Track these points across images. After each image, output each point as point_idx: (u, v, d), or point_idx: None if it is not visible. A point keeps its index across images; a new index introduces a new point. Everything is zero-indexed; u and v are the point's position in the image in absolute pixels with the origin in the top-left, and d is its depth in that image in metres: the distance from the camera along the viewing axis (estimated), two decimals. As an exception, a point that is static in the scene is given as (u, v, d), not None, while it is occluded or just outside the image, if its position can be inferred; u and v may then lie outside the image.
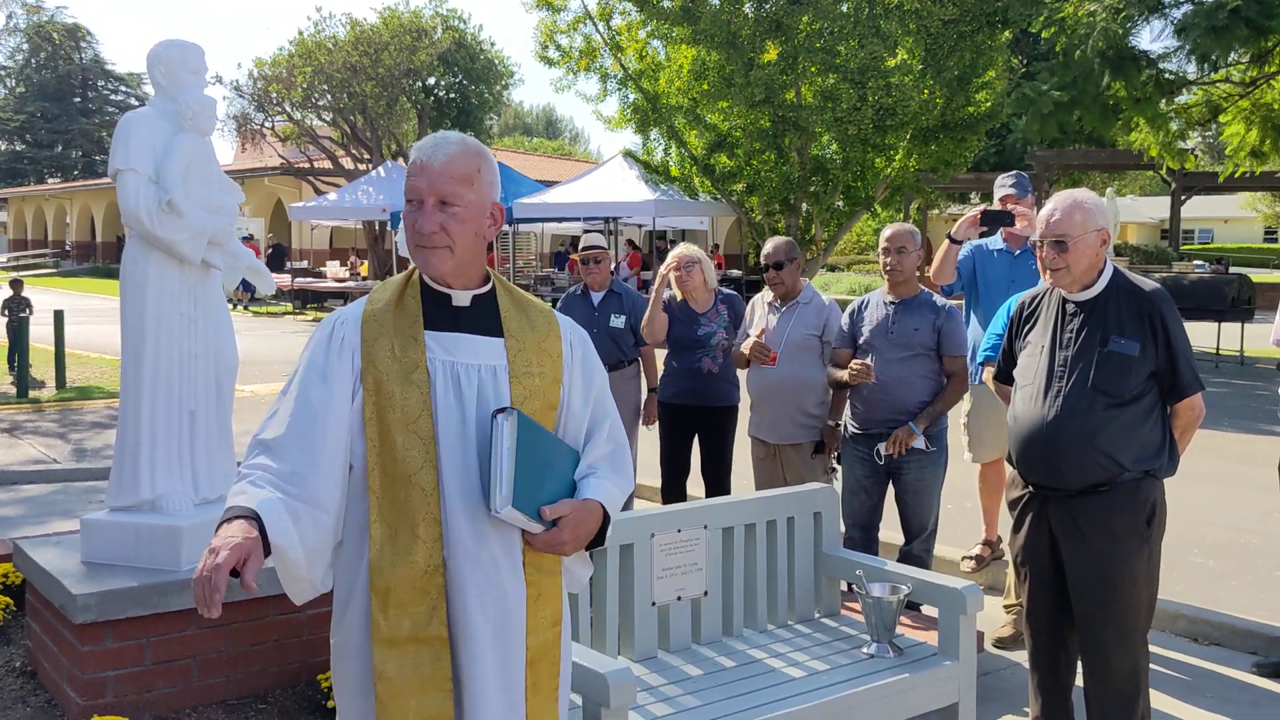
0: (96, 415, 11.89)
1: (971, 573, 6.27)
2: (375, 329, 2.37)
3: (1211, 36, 12.73)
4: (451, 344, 2.39)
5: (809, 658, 4.09)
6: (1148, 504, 3.76)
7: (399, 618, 2.29)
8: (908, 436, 5.06)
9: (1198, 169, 26.99)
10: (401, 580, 2.29)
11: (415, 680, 2.29)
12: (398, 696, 2.29)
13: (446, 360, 2.37)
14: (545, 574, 2.43)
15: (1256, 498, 8.13)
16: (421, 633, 2.30)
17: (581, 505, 2.39)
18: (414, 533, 2.30)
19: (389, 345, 2.35)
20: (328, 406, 2.32)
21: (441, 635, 2.31)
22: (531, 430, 2.33)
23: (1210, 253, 41.99)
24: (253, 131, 32.01)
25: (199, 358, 4.76)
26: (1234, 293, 16.67)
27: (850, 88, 16.64)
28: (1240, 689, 5.00)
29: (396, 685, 2.29)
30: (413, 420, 2.31)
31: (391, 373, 2.33)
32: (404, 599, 2.29)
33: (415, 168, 2.37)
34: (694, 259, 6.19)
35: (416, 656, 2.30)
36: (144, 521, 4.56)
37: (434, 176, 2.34)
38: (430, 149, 2.37)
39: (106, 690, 4.31)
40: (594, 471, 2.50)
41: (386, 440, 2.31)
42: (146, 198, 4.57)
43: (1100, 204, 3.83)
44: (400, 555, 2.29)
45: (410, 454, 2.30)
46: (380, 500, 2.31)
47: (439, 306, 2.42)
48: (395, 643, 2.29)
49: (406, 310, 2.40)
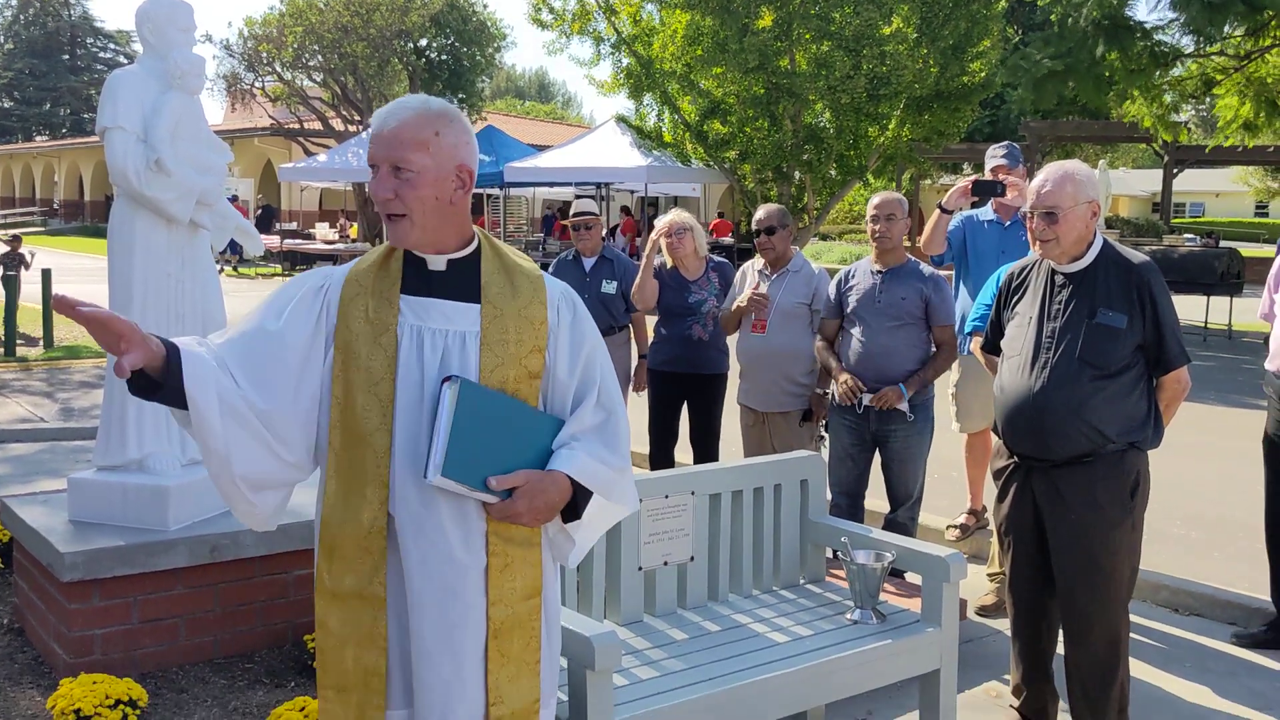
0: (84, 375, 11.87)
1: (956, 541, 6.31)
2: (354, 289, 2.39)
3: (1207, 12, 12.68)
4: (423, 309, 2.38)
5: (793, 623, 4.12)
6: (1131, 475, 3.78)
7: (342, 573, 2.36)
8: (896, 396, 5.07)
9: (1190, 142, 26.99)
10: (347, 537, 2.35)
11: (355, 634, 2.36)
12: (338, 646, 2.37)
13: (415, 324, 2.37)
14: (516, 545, 2.39)
15: (1240, 470, 8.18)
16: (364, 590, 2.35)
17: (541, 476, 2.34)
18: (363, 493, 2.33)
19: (364, 306, 2.37)
20: (283, 338, 2.36)
21: (380, 595, 2.35)
22: (484, 399, 2.30)
23: (1201, 226, 42.05)
24: (242, 91, 31.79)
25: (186, 318, 4.75)
26: (1223, 267, 16.71)
27: (844, 55, 16.55)
28: (1219, 659, 5.05)
29: (337, 636, 2.37)
30: (375, 382, 2.33)
31: (362, 334, 2.35)
32: (348, 555, 2.35)
33: (372, 134, 2.37)
34: (685, 226, 6.18)
35: (358, 612, 2.36)
36: (131, 481, 4.57)
37: (386, 142, 2.32)
38: (385, 114, 2.35)
39: (93, 648, 4.33)
40: (572, 442, 2.43)
41: (349, 400, 2.35)
42: (134, 156, 4.55)
43: (1091, 176, 3.83)
44: (349, 513, 2.34)
45: (369, 415, 2.33)
46: (339, 458, 2.36)
47: (416, 270, 2.41)
48: (338, 596, 2.37)
49: (388, 273, 2.40)
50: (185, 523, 4.58)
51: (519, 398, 2.40)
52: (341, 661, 2.37)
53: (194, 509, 4.64)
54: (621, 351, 6.60)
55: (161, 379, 2.22)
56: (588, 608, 3.94)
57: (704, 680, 3.58)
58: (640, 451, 7.45)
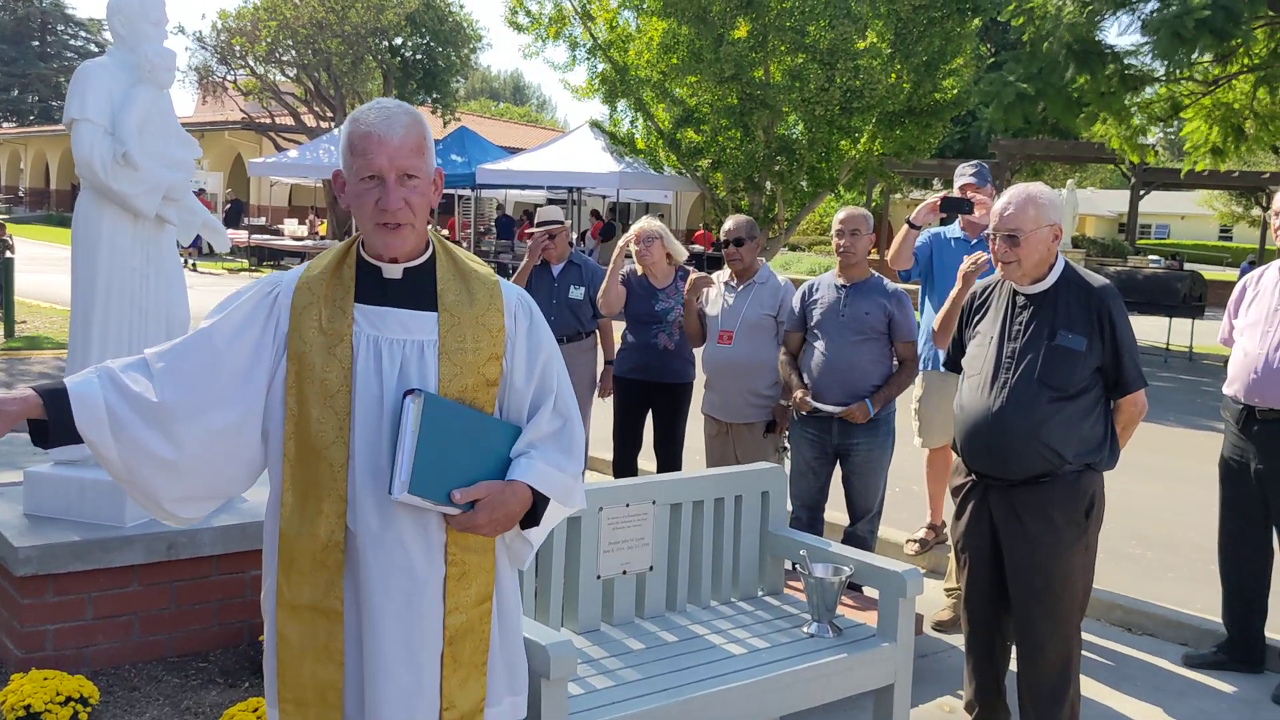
0: (45, 366, 11.74)
1: (914, 556, 6.35)
2: (306, 297, 2.35)
3: (1176, 42, 12.83)
4: (379, 318, 2.35)
5: (750, 635, 4.14)
6: (1087, 496, 3.83)
7: (299, 585, 2.34)
8: (862, 414, 5.10)
9: (1158, 165, 27.28)
10: (303, 550, 2.33)
11: (312, 647, 2.34)
12: (295, 660, 2.36)
13: (371, 335, 2.33)
14: (472, 552, 2.39)
15: (1195, 492, 8.28)
16: (320, 603, 2.33)
17: (503, 487, 2.33)
18: (318, 506, 2.31)
19: (316, 316, 2.32)
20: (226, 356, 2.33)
21: (336, 609, 2.33)
22: (446, 412, 2.29)
23: (1166, 248, 42.54)
24: (214, 84, 31.55)
25: (150, 313, 4.72)
26: (1186, 289, 16.90)
27: (819, 68, 16.63)
28: (1170, 679, 5.11)
29: (295, 650, 2.36)
30: (331, 394, 2.30)
31: (315, 344, 2.31)
32: (305, 568, 2.33)
33: (371, 142, 2.26)
34: (655, 234, 6.19)
35: (314, 625, 2.34)
36: (89, 476, 4.53)
37: (395, 151, 2.26)
38: (383, 122, 2.28)
39: (45, 643, 4.29)
40: (530, 450, 2.43)
41: (304, 412, 2.31)
42: (101, 149, 4.51)
43: (1054, 199, 3.88)
44: (305, 525, 2.32)
45: (324, 428, 2.30)
46: (294, 469, 2.33)
47: (370, 278, 2.37)
48: (295, 609, 2.35)
49: (341, 280, 2.36)
50: (142, 519, 4.55)
51: (476, 406, 2.39)
52: (299, 675, 2.36)
53: (152, 506, 4.60)
54: (587, 357, 6.61)
55: (51, 420, 2.23)
56: (545, 616, 3.95)
57: (660, 691, 3.59)
58: (603, 458, 7.47)
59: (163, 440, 2.28)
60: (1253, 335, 4.95)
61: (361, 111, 2.33)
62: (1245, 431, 4.96)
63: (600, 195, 29.88)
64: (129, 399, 2.27)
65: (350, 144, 2.30)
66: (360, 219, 2.34)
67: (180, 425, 2.29)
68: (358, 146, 2.29)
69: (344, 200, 2.38)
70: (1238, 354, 5.02)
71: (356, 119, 2.32)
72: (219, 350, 2.33)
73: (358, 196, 2.32)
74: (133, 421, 2.26)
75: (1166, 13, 13.12)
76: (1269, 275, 5.03)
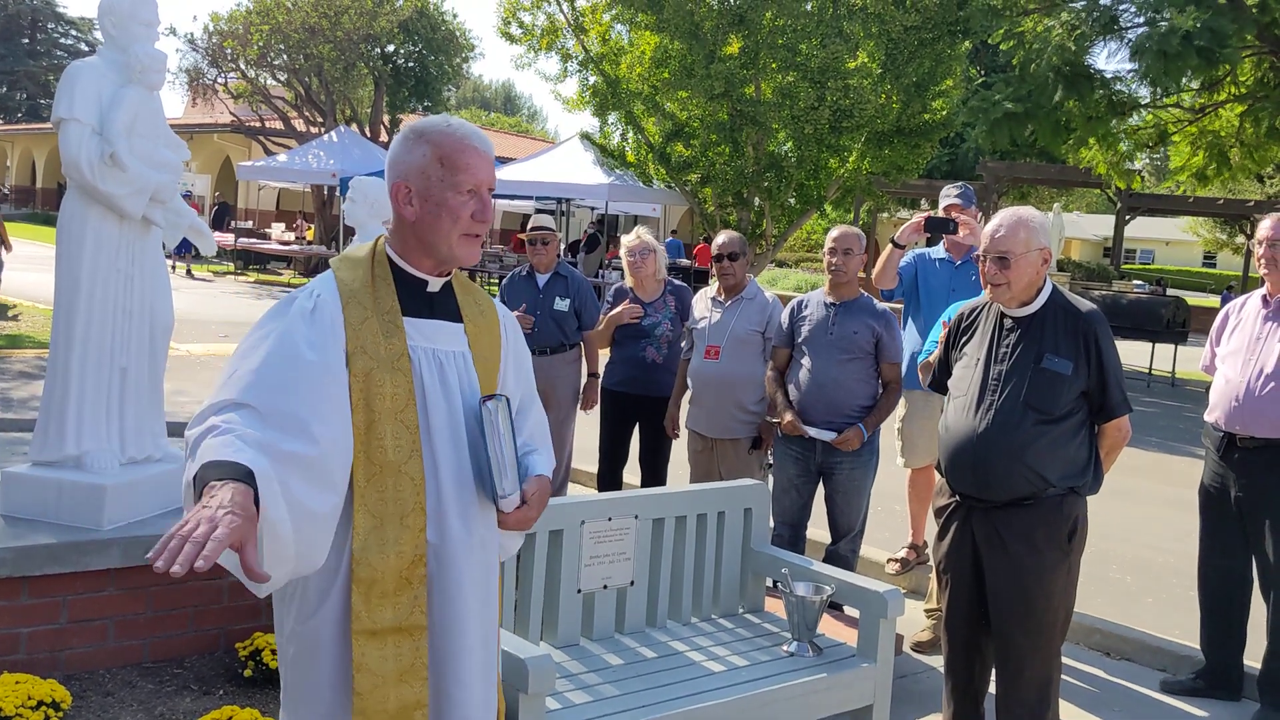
0: (25, 365, 11.65)
1: (896, 575, 6.35)
2: (360, 312, 2.29)
3: (1163, 62, 12.92)
4: (429, 331, 2.38)
5: (730, 652, 4.12)
6: (1070, 520, 3.83)
7: (381, 607, 2.25)
8: (858, 438, 5.11)
9: (1144, 190, 27.45)
10: (389, 570, 2.25)
11: (395, 670, 2.27)
12: (378, 687, 2.26)
13: (427, 348, 2.36)
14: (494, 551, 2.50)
15: (1176, 517, 8.30)
16: (404, 622, 2.27)
17: (542, 482, 2.45)
18: (402, 522, 2.27)
19: (374, 329, 2.29)
20: (326, 375, 2.20)
21: (422, 624, 2.30)
22: (509, 413, 2.38)
23: (1150, 273, 42.80)
24: (204, 87, 31.44)
25: (134, 315, 4.68)
26: (1169, 315, 16.99)
27: (809, 86, 16.69)
28: (1148, 704, 5.11)
29: (377, 676, 2.26)
30: (400, 409, 2.27)
31: (381, 360, 2.28)
32: (388, 588, 2.25)
33: (475, 156, 2.32)
34: (650, 247, 6.21)
35: (397, 646, 2.27)
36: (67, 478, 4.49)
37: (488, 167, 2.34)
38: (478, 137, 2.34)
39: (19, 647, 4.25)
40: (533, 448, 2.57)
41: (374, 429, 2.25)
42: (89, 149, 4.48)
43: (1044, 223, 3.89)
44: (388, 545, 2.25)
45: (399, 444, 2.26)
46: (364, 490, 2.24)
47: (412, 291, 2.39)
48: (376, 633, 2.25)
49: (387, 292, 2.35)
50: (120, 523, 4.51)
51: None
52: (384, 702, 2.27)
53: (130, 509, 4.57)
54: (572, 369, 6.60)
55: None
56: (524, 629, 3.93)
57: (638, 707, 3.57)
58: (587, 470, 7.45)
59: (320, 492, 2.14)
60: (1234, 363, 4.97)
61: (443, 125, 2.35)
62: (1226, 459, 4.97)
63: (589, 207, 29.88)
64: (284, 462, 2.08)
65: (441, 156, 2.31)
66: (444, 230, 2.33)
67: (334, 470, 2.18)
68: (457, 159, 2.31)
69: (413, 211, 2.33)
70: (1219, 381, 5.04)
71: (445, 132, 2.33)
72: (316, 372, 2.20)
73: (450, 208, 2.31)
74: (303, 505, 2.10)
75: (1154, 31, 13.22)
76: (1251, 304, 5.05)
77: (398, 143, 2.38)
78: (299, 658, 2.31)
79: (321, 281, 2.34)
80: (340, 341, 2.25)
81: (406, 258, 2.39)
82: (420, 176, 2.32)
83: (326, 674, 2.28)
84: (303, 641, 2.30)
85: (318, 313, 2.26)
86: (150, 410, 4.79)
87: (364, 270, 2.36)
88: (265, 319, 2.27)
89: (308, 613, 2.28)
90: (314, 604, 2.28)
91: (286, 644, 2.33)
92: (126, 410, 4.70)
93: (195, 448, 2.03)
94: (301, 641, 2.30)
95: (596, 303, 6.57)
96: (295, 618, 2.30)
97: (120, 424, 4.69)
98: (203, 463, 1.95)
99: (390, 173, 2.37)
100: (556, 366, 6.50)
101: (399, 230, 2.39)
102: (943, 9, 16.52)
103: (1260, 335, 4.90)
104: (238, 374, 2.16)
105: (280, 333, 2.21)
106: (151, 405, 4.80)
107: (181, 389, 10.19)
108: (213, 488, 1.88)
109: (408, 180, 2.33)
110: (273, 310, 2.30)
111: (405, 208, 2.34)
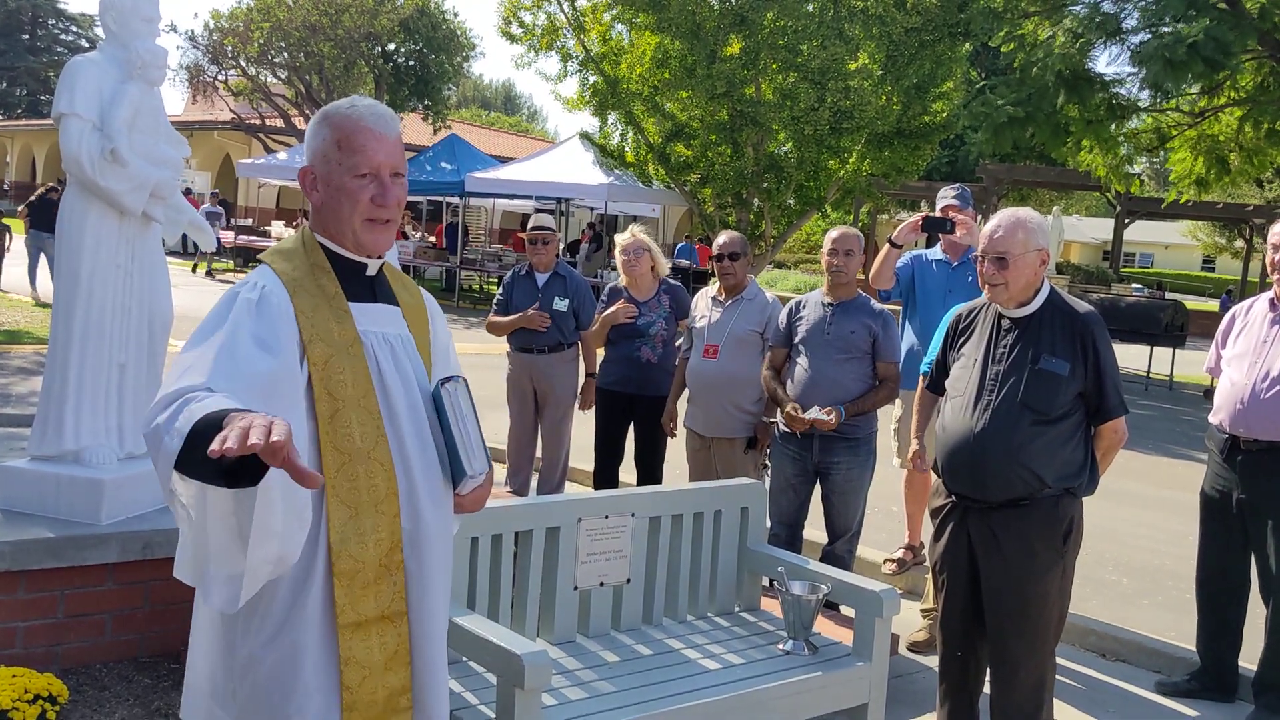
0: (24, 360, 11.65)
1: (892, 575, 6.35)
2: (309, 300, 2.25)
3: (1168, 69, 12.93)
4: (373, 315, 2.34)
5: (725, 650, 4.13)
6: (1066, 521, 3.84)
7: (364, 598, 2.22)
8: (836, 417, 5.05)
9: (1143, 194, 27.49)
10: (369, 559, 2.22)
11: (381, 659, 2.25)
12: (367, 678, 2.23)
13: (376, 332, 2.32)
14: None
15: (1172, 520, 8.31)
16: (387, 609, 2.26)
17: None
18: (377, 509, 2.23)
19: (325, 317, 2.25)
20: (278, 375, 2.13)
21: (403, 609, 2.28)
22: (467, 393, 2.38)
23: (1149, 277, 42.77)
24: (204, 84, 31.47)
25: (132, 311, 4.69)
26: (1168, 318, 17.01)
27: (809, 87, 16.71)
28: (1143, 706, 5.12)
29: (365, 667, 2.23)
30: (362, 396, 2.23)
31: (337, 347, 2.23)
32: (370, 578, 2.22)
33: (370, 138, 2.24)
34: (644, 246, 6.22)
35: (381, 635, 2.25)
36: (65, 473, 4.49)
37: (391, 148, 2.26)
38: (376, 118, 2.27)
39: (15, 641, 4.25)
40: None
41: (338, 417, 2.20)
42: (89, 145, 4.49)
43: (1042, 224, 3.90)
44: (366, 534, 2.22)
45: (365, 430, 2.22)
46: (335, 480, 2.18)
47: (352, 275, 2.34)
48: (361, 625, 2.22)
49: (325, 280, 2.30)
50: (119, 518, 4.51)
51: None
52: (374, 693, 2.24)
53: (128, 504, 4.58)
54: (569, 368, 6.60)
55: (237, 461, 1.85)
56: (521, 625, 3.93)
57: (633, 704, 3.58)
58: (584, 469, 7.46)
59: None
60: (1240, 366, 4.98)
61: (344, 107, 2.29)
62: (1229, 461, 4.98)
63: (589, 207, 29.88)
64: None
65: (339, 139, 2.26)
66: (345, 215, 2.28)
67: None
68: (352, 142, 2.25)
69: (318, 197, 2.30)
70: (1225, 384, 5.05)
71: (344, 114, 2.28)
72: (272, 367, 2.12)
73: (348, 193, 2.26)
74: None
75: (1160, 39, 13.23)
76: (1258, 307, 5.06)
77: (309, 126, 2.34)
78: (274, 677, 2.18)
79: (260, 274, 2.27)
80: (294, 331, 2.19)
81: (337, 243, 2.33)
82: (322, 160, 2.28)
83: (312, 678, 2.19)
84: (277, 655, 2.18)
85: (263, 303, 2.18)
86: (148, 405, 4.79)
87: (300, 259, 2.30)
88: (208, 322, 2.17)
89: (277, 623, 2.17)
90: (286, 610, 2.18)
91: (246, 670, 2.18)
92: (125, 406, 4.71)
93: (174, 416, 1.93)
94: (276, 655, 2.18)
95: (595, 302, 6.58)
96: (262, 636, 2.17)
97: (119, 419, 4.69)
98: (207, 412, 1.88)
99: (304, 157, 2.35)
100: (554, 366, 6.51)
101: (316, 216, 2.34)
102: (943, 11, 16.54)
103: (1267, 339, 4.91)
104: (192, 369, 2.06)
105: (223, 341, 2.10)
106: (150, 401, 4.80)
107: (180, 385, 10.17)
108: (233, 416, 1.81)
109: (312, 165, 2.30)
110: (214, 312, 2.19)
111: (311, 193, 2.31)
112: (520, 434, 6.73)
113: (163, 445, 1.92)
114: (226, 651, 2.21)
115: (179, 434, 1.88)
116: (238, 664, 2.19)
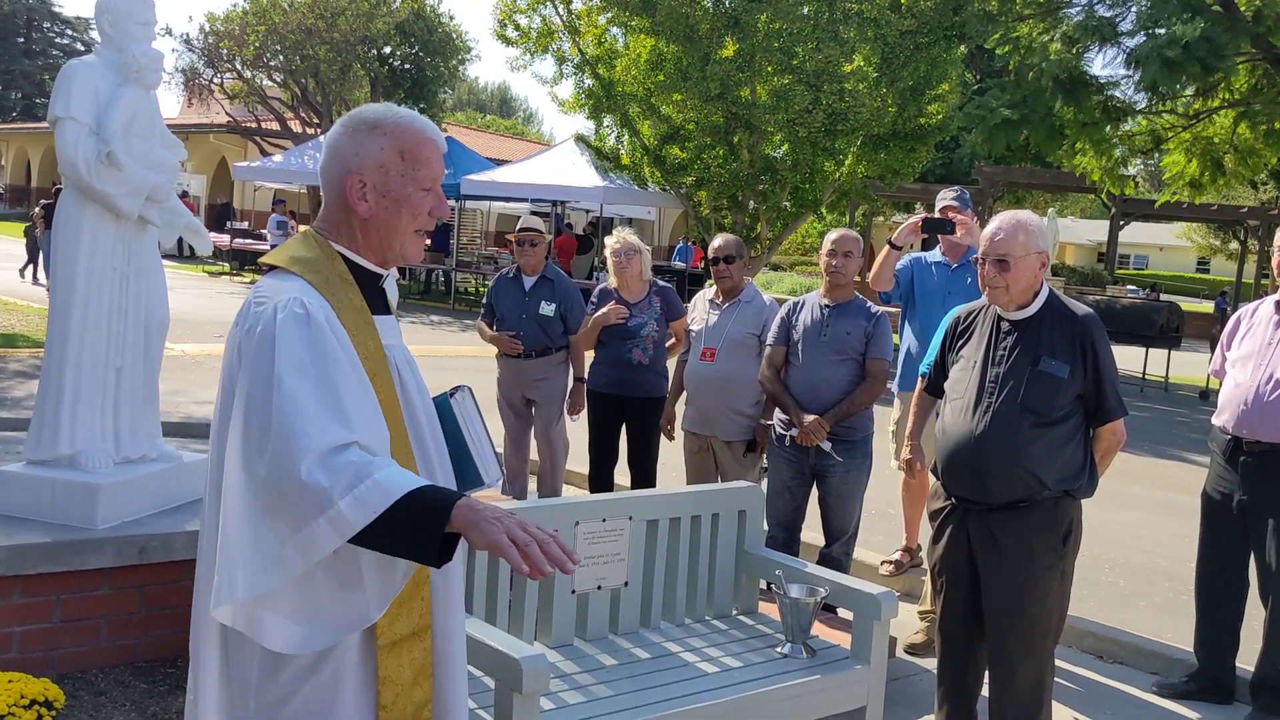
0: (20, 364, 11.63)
1: (889, 578, 6.35)
2: (352, 318, 2.17)
3: (1165, 70, 12.96)
4: (386, 327, 2.27)
5: (723, 654, 4.13)
6: (1065, 522, 3.84)
7: (400, 616, 2.19)
8: (816, 431, 5.05)
9: (1138, 196, 27.51)
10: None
11: (411, 674, 2.22)
12: (400, 695, 2.20)
13: (392, 344, 2.26)
14: None
15: (1169, 522, 8.32)
16: (416, 625, 2.23)
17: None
18: None
19: (365, 333, 2.19)
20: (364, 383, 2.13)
21: (428, 624, 2.25)
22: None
23: (1144, 278, 42.85)
24: (200, 87, 31.43)
25: (129, 314, 4.68)
26: (1164, 320, 17.02)
27: (804, 90, 16.71)
28: (1140, 707, 5.12)
29: (398, 685, 2.20)
30: (392, 411, 2.17)
31: (374, 361, 2.17)
32: (405, 595, 2.18)
33: (434, 150, 2.21)
34: (635, 248, 6.21)
35: (410, 651, 2.22)
36: (61, 477, 4.48)
37: (442, 160, 2.24)
38: (434, 130, 2.22)
39: (11, 645, 4.24)
40: None
41: None
42: (85, 148, 4.48)
43: (1042, 227, 3.90)
44: None
45: (399, 447, 2.16)
46: None
47: (367, 287, 2.26)
48: (397, 644, 2.19)
49: (353, 293, 2.21)
50: (114, 522, 4.50)
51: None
52: (404, 708, 2.21)
53: (124, 508, 4.56)
54: (558, 372, 6.58)
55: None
56: (519, 629, 3.93)
57: (631, 708, 3.57)
58: (579, 471, 7.45)
59: None
60: (1245, 367, 4.98)
61: (400, 117, 2.22)
62: (1231, 462, 4.98)
63: (584, 210, 29.89)
64: None
65: (402, 149, 2.19)
66: (402, 226, 2.22)
67: None
68: (418, 154, 2.20)
69: (367, 207, 2.20)
70: (1229, 385, 5.05)
71: (403, 124, 2.21)
72: (375, 400, 2.11)
73: (411, 204, 2.21)
74: None
75: (1155, 41, 13.25)
76: (1264, 309, 5.06)
77: (344, 134, 2.22)
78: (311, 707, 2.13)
79: (301, 290, 2.14)
80: (350, 347, 2.12)
81: (359, 254, 2.25)
82: (378, 170, 2.18)
83: (351, 702, 2.15)
84: (318, 681, 2.13)
85: (314, 319, 2.08)
86: (145, 410, 4.79)
87: (326, 269, 2.20)
88: (287, 343, 2.05)
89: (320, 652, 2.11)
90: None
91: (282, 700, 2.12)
92: (121, 409, 4.70)
93: (351, 484, 1.93)
94: (316, 682, 2.13)
95: (583, 307, 6.53)
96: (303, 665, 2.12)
97: (115, 423, 4.68)
98: (412, 487, 1.95)
99: (336, 165, 2.21)
100: (541, 370, 6.49)
101: (344, 225, 2.23)
102: (938, 13, 16.57)
103: (1271, 341, 4.91)
104: (323, 415, 1.99)
105: (332, 365, 2.05)
106: (146, 405, 4.80)
107: (177, 389, 10.17)
108: (476, 504, 1.97)
109: (362, 174, 2.18)
110: (290, 333, 2.06)
111: (360, 203, 2.19)
112: (514, 439, 6.72)
113: (336, 510, 1.92)
114: (259, 680, 2.14)
115: (368, 508, 1.92)
116: (272, 694, 2.13)
